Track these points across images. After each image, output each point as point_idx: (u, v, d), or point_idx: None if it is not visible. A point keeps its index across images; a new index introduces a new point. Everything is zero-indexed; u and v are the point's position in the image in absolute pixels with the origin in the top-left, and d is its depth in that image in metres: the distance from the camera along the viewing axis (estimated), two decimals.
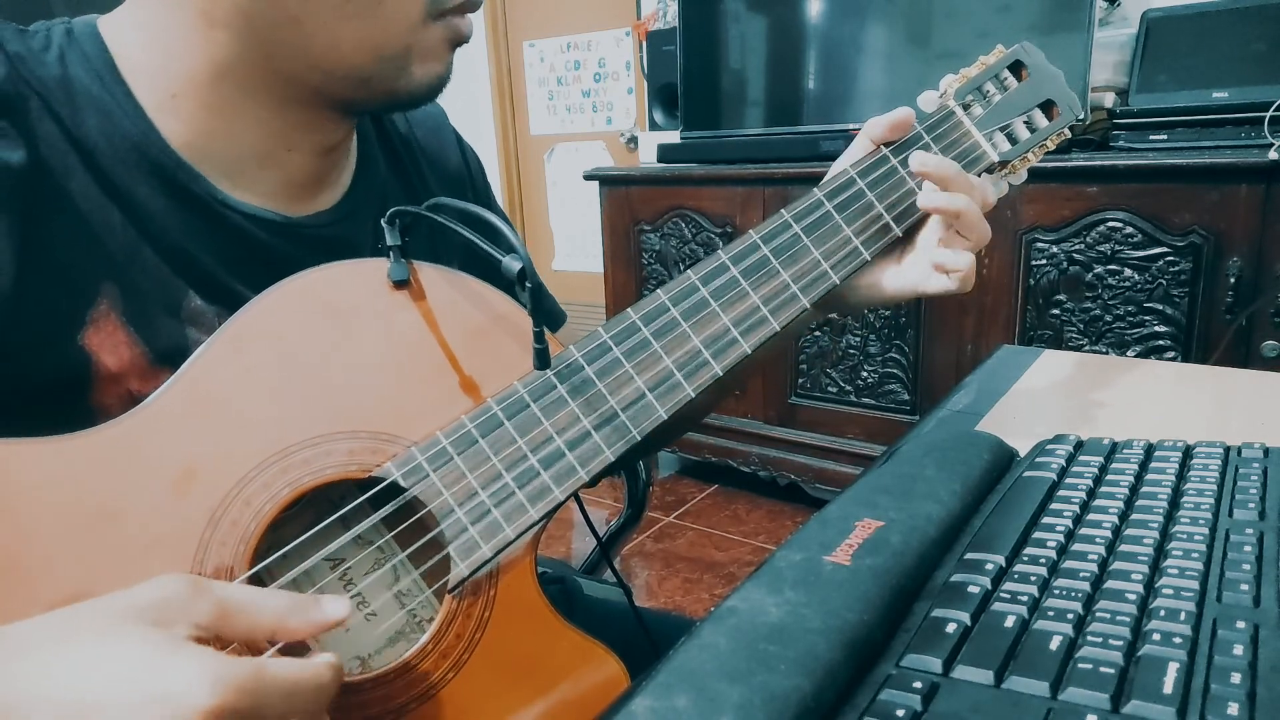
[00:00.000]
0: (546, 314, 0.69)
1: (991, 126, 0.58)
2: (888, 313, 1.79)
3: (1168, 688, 0.27)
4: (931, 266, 0.56)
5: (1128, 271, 1.49)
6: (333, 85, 0.48)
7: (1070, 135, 0.60)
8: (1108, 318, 1.53)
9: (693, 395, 0.48)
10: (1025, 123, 0.59)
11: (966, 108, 0.58)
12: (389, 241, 0.45)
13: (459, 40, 0.50)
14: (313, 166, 0.53)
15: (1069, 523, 0.40)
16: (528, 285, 0.43)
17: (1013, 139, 0.59)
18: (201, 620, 0.32)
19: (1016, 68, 0.60)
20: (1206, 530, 0.38)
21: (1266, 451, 0.46)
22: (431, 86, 0.50)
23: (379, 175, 0.59)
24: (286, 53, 0.46)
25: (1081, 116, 0.60)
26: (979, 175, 0.58)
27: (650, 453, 0.74)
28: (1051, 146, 0.60)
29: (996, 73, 0.59)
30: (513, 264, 0.44)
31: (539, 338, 0.44)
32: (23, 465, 0.37)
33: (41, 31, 0.47)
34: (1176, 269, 1.45)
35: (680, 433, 0.73)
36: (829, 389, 1.92)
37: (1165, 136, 1.54)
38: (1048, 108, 0.60)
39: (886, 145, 0.56)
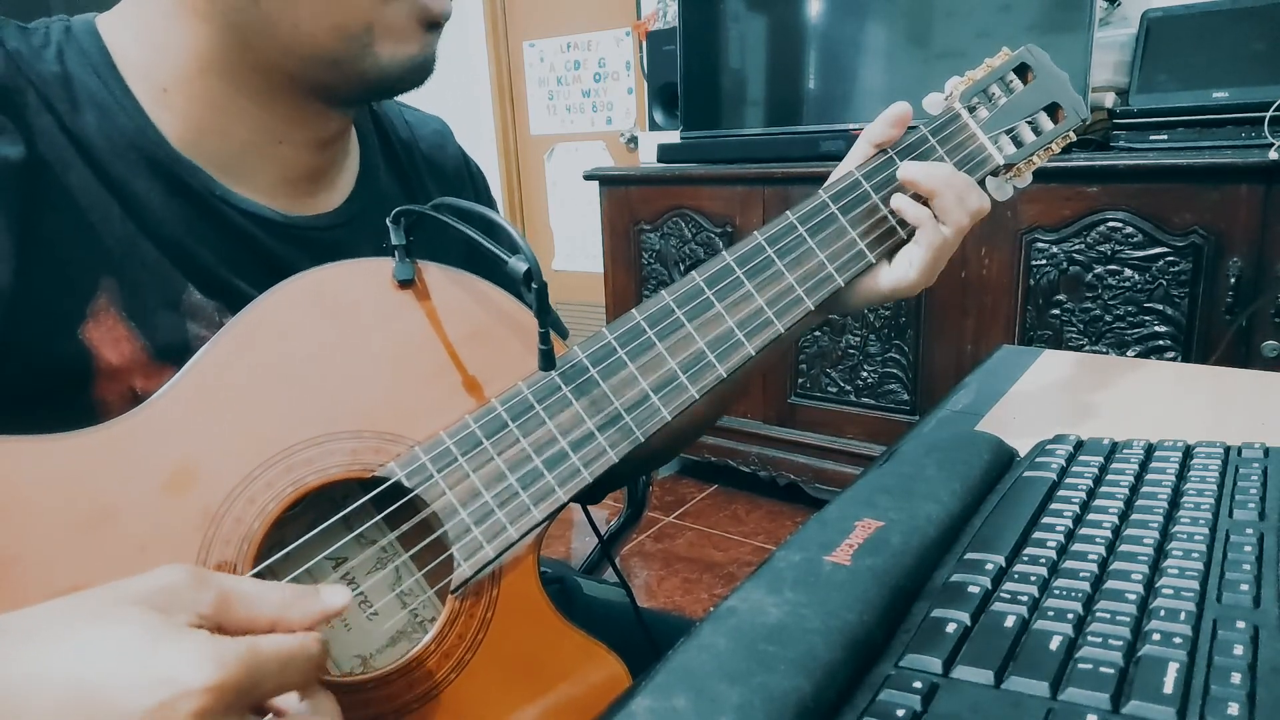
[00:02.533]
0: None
1: (997, 129, 0.58)
2: (888, 313, 1.79)
3: (1168, 688, 0.27)
4: (911, 260, 0.56)
5: (1128, 271, 1.49)
6: (306, 70, 0.47)
7: (1074, 137, 0.60)
8: (1108, 318, 1.53)
9: (697, 397, 0.48)
10: (1030, 125, 0.59)
11: (972, 110, 0.58)
12: (394, 241, 0.45)
13: (430, 19, 0.48)
14: (307, 161, 0.53)
15: (1069, 523, 0.40)
16: (534, 285, 0.43)
17: (1018, 142, 0.59)
18: (203, 610, 0.33)
19: (1022, 70, 0.60)
20: (1206, 530, 0.38)
21: (1266, 451, 0.46)
22: (406, 69, 0.48)
23: (381, 184, 0.59)
24: (257, 39, 0.46)
25: (1086, 118, 0.60)
26: (983, 179, 0.58)
27: (652, 468, 0.73)
28: (1057, 150, 0.60)
29: (1002, 75, 0.59)
30: (519, 264, 0.44)
31: (544, 338, 0.44)
32: (23, 463, 0.37)
33: (41, 29, 0.47)
34: (1176, 269, 1.45)
35: (685, 445, 0.73)
36: (829, 389, 1.92)
37: (1165, 136, 1.54)
38: (1053, 111, 0.60)
39: (893, 148, 0.56)
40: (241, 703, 0.31)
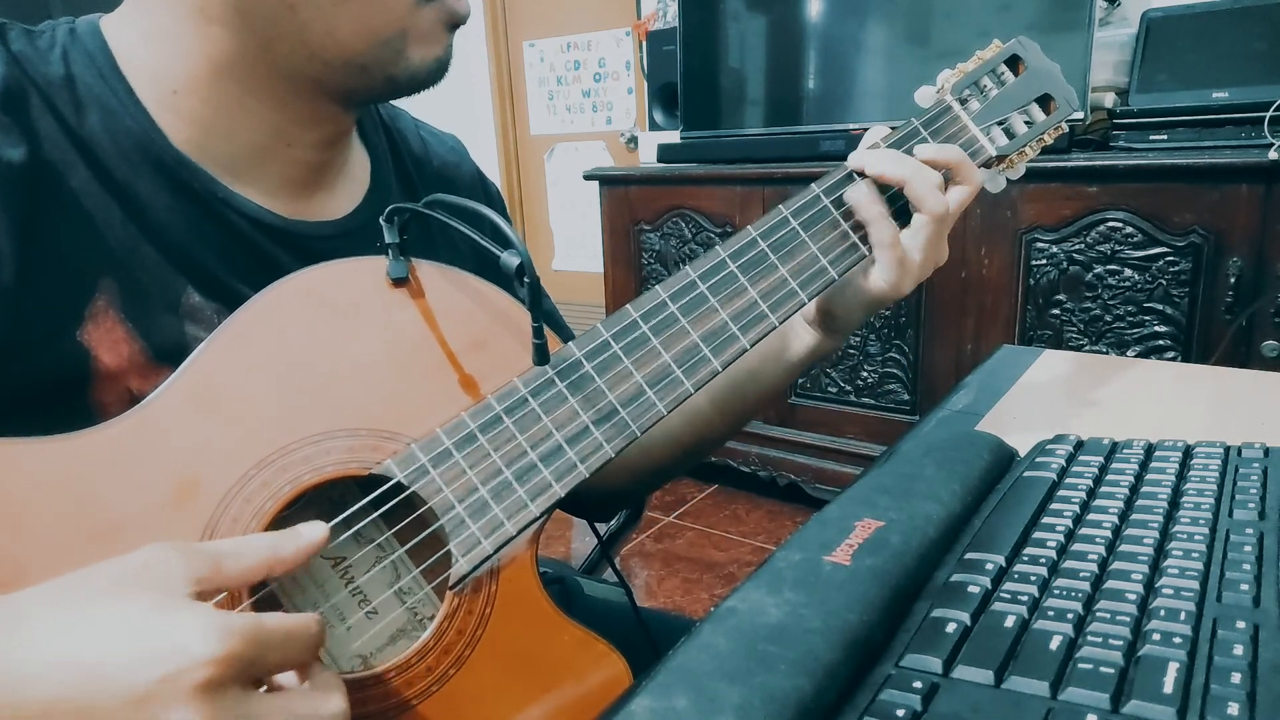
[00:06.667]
0: (548, 315, 0.69)
1: (988, 121, 0.58)
2: (887, 312, 1.79)
3: (1168, 688, 0.27)
4: (895, 260, 0.55)
5: (1128, 271, 1.49)
6: (332, 75, 0.48)
7: (1067, 129, 0.61)
8: (1108, 318, 1.53)
9: (692, 391, 0.48)
10: (1022, 117, 0.59)
11: (963, 102, 0.58)
12: (387, 239, 0.45)
13: (454, 21, 0.49)
14: (312, 161, 0.53)
15: (1069, 523, 0.40)
16: (526, 280, 0.43)
17: (1010, 133, 0.59)
18: (200, 574, 0.33)
19: (1013, 62, 0.60)
20: (1206, 530, 0.38)
21: (1266, 451, 0.46)
22: (430, 70, 0.50)
23: (391, 200, 0.59)
24: (284, 45, 0.46)
25: (1078, 109, 0.60)
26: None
27: (663, 481, 0.72)
28: (1049, 140, 0.60)
29: (993, 67, 0.59)
30: (511, 259, 0.44)
31: (538, 333, 0.44)
32: (23, 466, 0.37)
33: (47, 31, 0.47)
34: (1176, 269, 1.45)
35: (692, 462, 0.71)
36: (829, 389, 1.92)
37: (1165, 136, 1.54)
38: (1045, 102, 0.60)
39: (885, 142, 0.56)
40: (246, 675, 0.31)
